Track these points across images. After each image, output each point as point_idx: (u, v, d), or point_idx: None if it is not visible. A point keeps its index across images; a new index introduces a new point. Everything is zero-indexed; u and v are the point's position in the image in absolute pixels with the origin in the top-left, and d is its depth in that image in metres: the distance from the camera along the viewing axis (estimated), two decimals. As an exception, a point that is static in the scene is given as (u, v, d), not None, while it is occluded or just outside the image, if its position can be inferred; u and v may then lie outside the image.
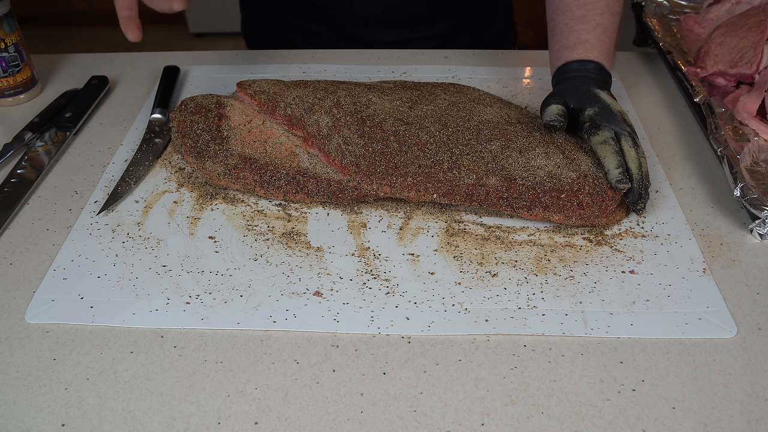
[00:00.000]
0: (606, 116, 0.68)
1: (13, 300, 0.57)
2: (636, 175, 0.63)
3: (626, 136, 0.66)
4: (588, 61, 0.71)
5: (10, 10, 0.81)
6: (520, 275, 0.59)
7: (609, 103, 0.68)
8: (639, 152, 0.65)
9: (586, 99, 0.69)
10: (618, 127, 0.67)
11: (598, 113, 0.68)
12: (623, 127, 0.67)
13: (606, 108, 0.68)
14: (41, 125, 0.78)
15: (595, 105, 0.69)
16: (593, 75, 0.71)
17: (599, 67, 0.71)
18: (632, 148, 0.65)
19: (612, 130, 0.67)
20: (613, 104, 0.69)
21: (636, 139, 0.66)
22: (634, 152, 0.65)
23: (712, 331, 0.54)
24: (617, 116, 0.67)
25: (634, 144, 0.66)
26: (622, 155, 0.65)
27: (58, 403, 0.49)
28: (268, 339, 0.54)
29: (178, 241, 0.63)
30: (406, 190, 0.64)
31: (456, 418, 0.48)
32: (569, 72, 0.72)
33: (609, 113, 0.68)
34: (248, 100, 0.73)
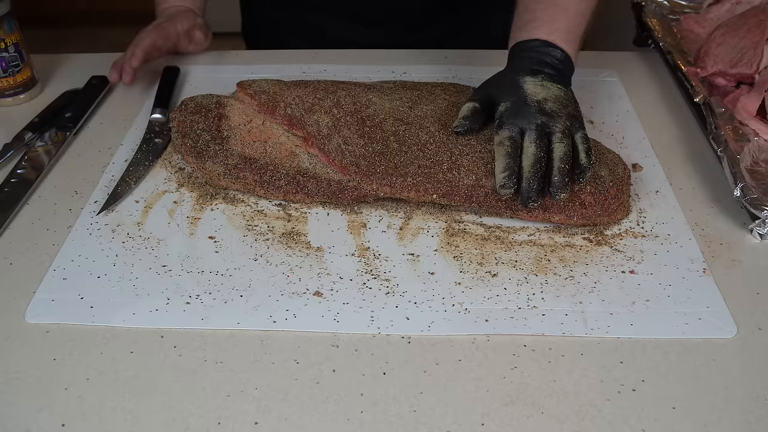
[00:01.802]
0: (516, 111, 0.63)
1: (13, 300, 0.57)
2: (526, 173, 0.60)
3: (532, 130, 0.62)
4: (532, 39, 0.67)
5: (10, 10, 0.81)
6: (520, 275, 0.59)
7: (528, 93, 0.64)
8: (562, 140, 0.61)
9: (504, 91, 0.65)
10: (525, 121, 0.63)
11: (509, 108, 0.64)
12: (532, 120, 0.62)
13: (520, 101, 0.64)
14: (41, 125, 0.78)
15: (509, 99, 0.65)
16: (535, 55, 0.67)
17: (545, 44, 0.67)
18: (534, 143, 0.61)
19: (515, 128, 0.63)
20: (534, 93, 0.64)
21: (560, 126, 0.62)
22: (533, 148, 0.61)
23: (712, 331, 0.54)
24: (530, 108, 0.63)
25: (540, 136, 0.61)
26: (516, 155, 0.61)
27: (58, 403, 0.49)
28: (268, 339, 0.54)
29: (178, 241, 0.63)
30: (406, 190, 0.64)
31: (456, 418, 0.48)
32: (513, 55, 0.69)
33: (521, 107, 0.63)
34: (248, 100, 0.73)
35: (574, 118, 0.64)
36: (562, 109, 0.64)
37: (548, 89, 0.65)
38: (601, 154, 0.67)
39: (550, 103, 0.64)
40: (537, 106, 0.63)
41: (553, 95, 0.65)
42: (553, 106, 0.64)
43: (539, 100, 0.64)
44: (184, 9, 0.94)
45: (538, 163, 0.61)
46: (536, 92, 0.64)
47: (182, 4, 0.94)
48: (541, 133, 0.62)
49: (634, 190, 0.68)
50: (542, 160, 0.61)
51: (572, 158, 0.62)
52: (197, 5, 0.96)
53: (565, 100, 0.65)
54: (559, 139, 0.62)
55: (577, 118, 0.65)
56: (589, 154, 0.62)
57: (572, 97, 0.67)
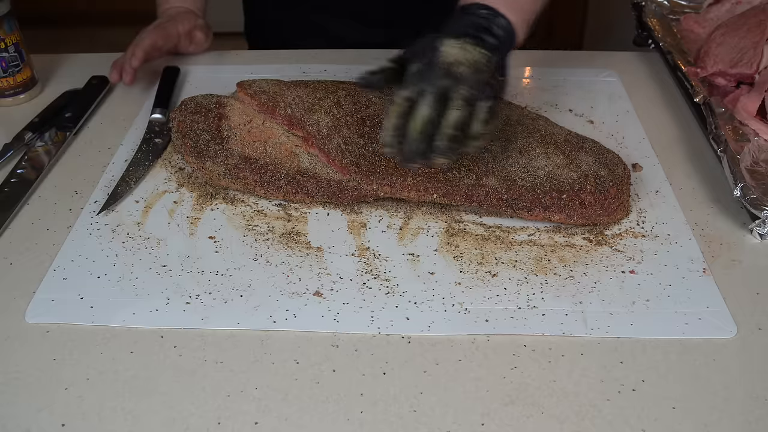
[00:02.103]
0: (421, 73, 0.61)
1: (13, 300, 0.57)
2: (410, 132, 0.58)
3: (430, 93, 0.59)
4: (474, 3, 0.65)
5: (10, 10, 0.81)
6: (520, 275, 0.59)
7: (441, 56, 0.61)
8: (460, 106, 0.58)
9: (420, 52, 0.62)
10: (427, 83, 0.60)
11: (417, 70, 0.61)
12: (435, 82, 0.59)
13: (429, 63, 0.61)
14: (41, 125, 0.78)
15: (420, 60, 0.62)
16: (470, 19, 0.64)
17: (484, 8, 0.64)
18: (427, 105, 0.59)
19: (415, 89, 0.60)
20: (447, 56, 0.61)
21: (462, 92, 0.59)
22: (424, 110, 0.59)
23: (712, 331, 0.54)
24: (436, 71, 0.60)
25: (437, 99, 0.59)
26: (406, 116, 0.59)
27: (58, 403, 0.49)
28: (268, 339, 0.54)
29: (178, 241, 0.63)
30: (406, 190, 0.64)
31: (456, 418, 0.48)
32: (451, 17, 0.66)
33: (427, 69, 0.60)
34: (248, 100, 0.73)
35: (487, 85, 0.61)
36: (472, 75, 0.60)
37: (467, 52, 0.61)
38: (601, 154, 0.67)
39: (461, 67, 0.60)
40: (444, 69, 0.60)
41: (470, 59, 0.61)
42: (463, 70, 0.60)
43: (450, 63, 0.60)
44: (184, 10, 0.94)
45: (425, 125, 0.59)
46: (451, 54, 0.61)
47: (183, 5, 0.94)
48: (439, 96, 0.59)
49: (634, 190, 0.68)
50: (431, 122, 0.59)
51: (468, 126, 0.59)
52: (198, 6, 0.96)
53: (482, 66, 0.61)
54: (456, 106, 0.59)
55: (491, 86, 0.61)
56: (485, 123, 0.60)
57: (493, 64, 0.63)
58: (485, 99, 0.60)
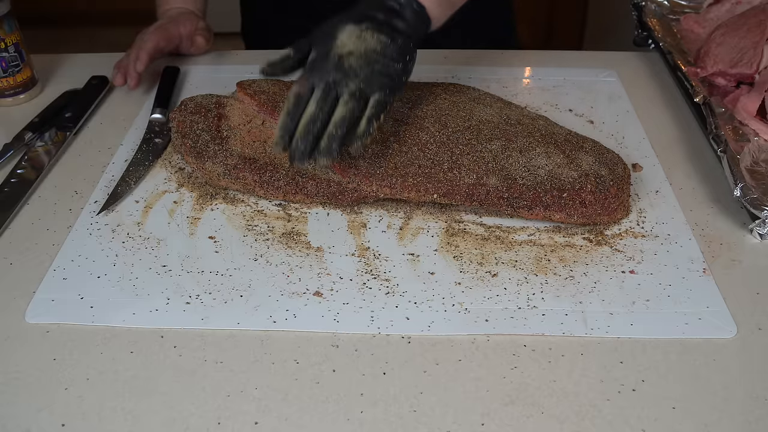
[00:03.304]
0: (314, 64, 0.60)
1: (13, 300, 0.57)
2: (298, 132, 0.58)
3: (319, 89, 0.59)
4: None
5: (10, 10, 0.81)
6: (520, 275, 0.59)
7: (336, 45, 0.59)
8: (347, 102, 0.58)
9: (320, 39, 0.61)
10: (318, 77, 0.59)
11: (312, 60, 0.60)
12: (324, 77, 0.59)
13: (323, 53, 0.60)
14: (41, 125, 0.78)
15: (317, 49, 0.60)
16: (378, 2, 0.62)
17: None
18: (315, 102, 0.59)
19: (306, 84, 0.60)
20: (343, 45, 0.59)
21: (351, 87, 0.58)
22: (312, 107, 0.58)
23: (712, 331, 0.54)
24: (328, 63, 0.59)
25: (325, 95, 0.58)
26: (297, 113, 0.59)
27: (58, 403, 0.49)
28: (268, 339, 0.54)
29: (178, 241, 0.63)
30: (406, 190, 0.64)
31: (456, 418, 0.48)
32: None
33: (321, 60, 0.60)
34: (248, 100, 0.73)
35: (380, 75, 0.60)
36: (363, 67, 0.59)
37: (363, 41, 0.60)
38: (601, 154, 0.67)
39: (352, 58, 0.59)
40: (336, 61, 0.59)
41: (364, 49, 0.60)
42: (354, 62, 0.59)
43: (342, 54, 0.59)
44: (185, 11, 0.94)
45: (311, 123, 0.58)
46: (345, 44, 0.60)
47: (183, 6, 0.94)
48: (327, 92, 0.59)
49: (634, 190, 0.68)
50: (317, 120, 0.58)
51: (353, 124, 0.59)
52: (198, 7, 0.96)
53: (375, 56, 0.60)
54: (344, 102, 0.59)
55: (385, 76, 0.60)
56: (370, 122, 0.59)
57: (392, 52, 0.61)
58: (376, 91, 0.59)
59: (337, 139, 0.58)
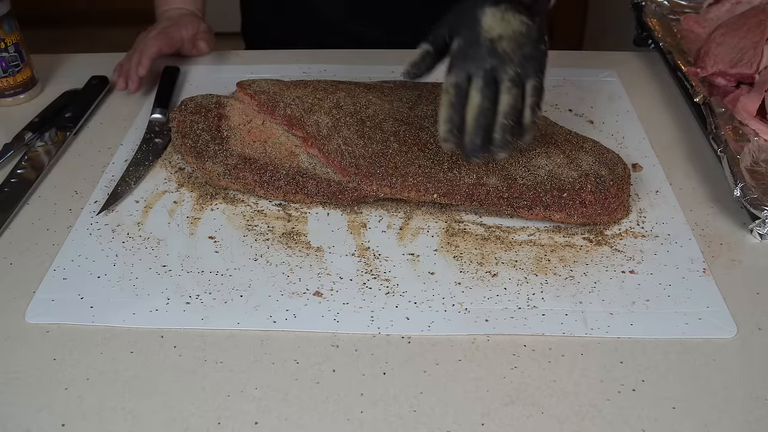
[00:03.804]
0: (465, 52, 0.57)
1: (13, 300, 0.57)
2: (468, 127, 0.56)
3: (479, 77, 0.56)
4: None
5: (10, 10, 0.81)
6: (520, 275, 0.59)
7: (483, 29, 0.57)
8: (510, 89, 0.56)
9: (459, 26, 0.58)
10: (474, 65, 0.57)
11: (460, 48, 0.58)
12: (482, 63, 0.57)
13: (472, 39, 0.57)
14: (41, 125, 0.78)
15: (461, 36, 0.58)
16: None
17: None
18: (479, 92, 0.56)
19: (462, 73, 0.57)
20: (490, 29, 0.57)
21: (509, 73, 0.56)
22: (478, 98, 0.56)
23: (712, 331, 0.54)
24: (481, 49, 0.57)
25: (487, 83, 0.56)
26: (461, 105, 0.57)
27: (58, 403, 0.49)
28: (268, 339, 0.54)
29: (178, 241, 0.63)
30: (406, 190, 0.64)
31: (456, 418, 0.48)
32: None
33: (471, 47, 0.57)
34: (248, 100, 0.73)
35: (531, 60, 0.58)
36: (516, 50, 0.57)
37: (508, 23, 0.58)
38: (601, 154, 0.67)
39: (504, 42, 0.57)
40: (489, 46, 0.57)
41: (511, 32, 0.58)
42: (507, 46, 0.57)
43: (493, 38, 0.57)
44: (186, 12, 0.94)
45: (482, 116, 0.56)
46: (492, 28, 0.57)
47: (183, 6, 0.94)
48: (489, 80, 0.57)
49: (634, 190, 0.68)
50: (487, 112, 0.56)
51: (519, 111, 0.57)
52: (198, 7, 0.96)
53: (523, 39, 0.58)
54: (506, 89, 0.57)
55: (535, 59, 0.58)
56: (534, 111, 0.57)
57: (535, 34, 0.59)
58: (531, 76, 0.58)
59: (509, 129, 0.56)
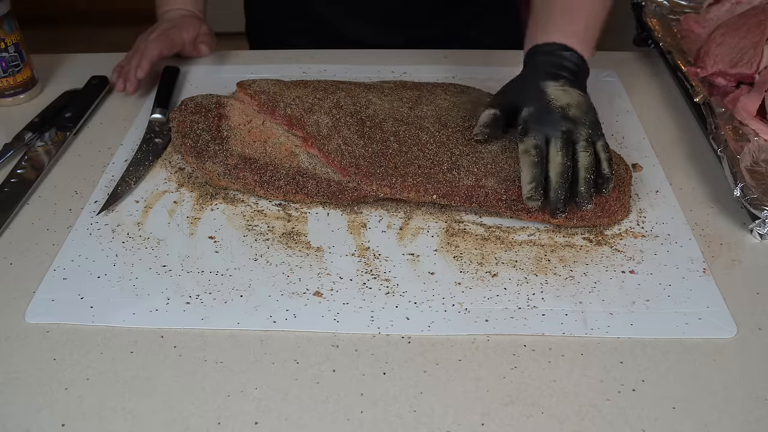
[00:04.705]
0: (539, 118, 0.63)
1: (13, 300, 0.57)
2: (554, 183, 0.60)
3: (558, 138, 0.62)
4: (551, 43, 0.67)
5: (10, 10, 0.81)
6: (520, 275, 0.59)
7: (552, 98, 0.63)
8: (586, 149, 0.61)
9: (527, 96, 0.65)
10: (551, 128, 0.62)
11: (532, 115, 0.63)
12: (558, 127, 0.62)
13: (543, 107, 0.63)
14: (41, 125, 0.78)
15: (532, 104, 0.64)
16: (554, 59, 0.66)
17: (562, 48, 0.67)
18: (560, 151, 0.61)
19: (540, 136, 0.62)
20: (557, 98, 0.63)
21: (583, 134, 0.62)
22: (560, 157, 0.61)
23: (712, 331, 0.54)
24: (554, 115, 0.63)
25: (565, 144, 0.61)
26: (542, 165, 0.61)
27: (58, 403, 0.49)
28: (268, 339, 0.54)
29: (178, 241, 0.63)
30: (405, 190, 0.64)
31: (456, 418, 0.48)
32: (530, 58, 0.68)
33: (545, 113, 0.63)
34: (248, 100, 0.73)
35: (596, 124, 0.64)
36: (584, 116, 0.63)
37: (570, 95, 0.64)
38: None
39: (573, 109, 0.63)
40: (561, 112, 0.63)
41: (576, 101, 0.64)
42: (576, 112, 0.63)
43: (563, 106, 0.63)
44: (187, 13, 0.93)
45: (565, 173, 0.60)
46: (559, 97, 0.64)
47: (183, 7, 0.94)
48: (567, 141, 0.62)
49: (634, 190, 0.68)
50: (569, 169, 0.61)
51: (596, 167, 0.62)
52: (199, 8, 0.96)
53: (585, 107, 0.64)
54: (583, 148, 0.61)
55: (598, 125, 0.64)
56: (610, 164, 0.61)
57: (591, 104, 0.66)
58: (600, 138, 0.63)
59: (591, 182, 0.60)
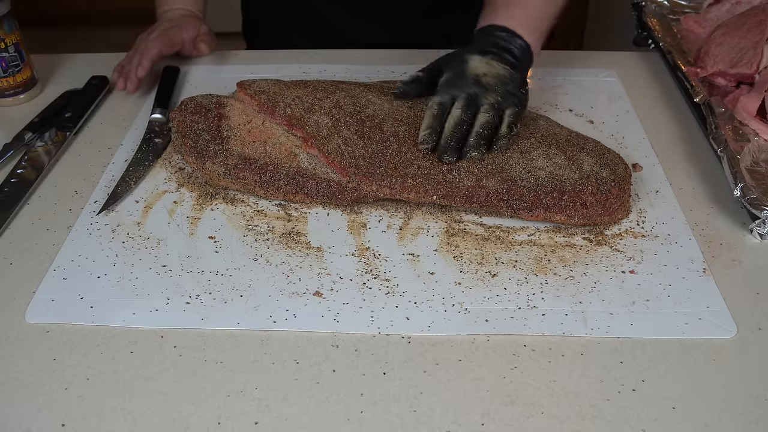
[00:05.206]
0: (453, 82, 0.68)
1: (13, 300, 0.57)
2: (447, 131, 0.65)
3: (462, 98, 0.66)
4: (493, 25, 0.72)
5: (10, 10, 0.81)
6: (520, 275, 0.59)
7: (470, 68, 0.68)
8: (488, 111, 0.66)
9: (450, 65, 0.70)
10: (458, 90, 0.67)
11: (448, 79, 0.69)
12: (465, 89, 0.67)
13: (459, 73, 0.68)
14: (41, 125, 0.78)
15: (451, 71, 0.69)
16: (492, 39, 0.71)
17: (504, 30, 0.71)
18: (460, 108, 0.66)
19: (447, 96, 0.67)
20: (475, 68, 0.68)
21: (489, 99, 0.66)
22: (458, 112, 0.66)
23: (712, 331, 0.54)
24: (466, 80, 0.68)
25: (468, 104, 0.66)
26: (441, 117, 0.66)
27: (58, 403, 0.49)
28: (268, 339, 0.54)
29: (178, 241, 0.63)
30: (405, 191, 0.64)
31: (456, 418, 0.48)
32: (474, 38, 0.73)
33: (459, 78, 0.68)
34: (248, 100, 0.73)
35: (512, 95, 0.68)
36: (499, 85, 0.68)
37: (491, 67, 0.69)
38: (602, 155, 0.67)
39: (488, 78, 0.68)
40: (474, 78, 0.68)
41: (494, 72, 0.68)
42: (489, 80, 0.68)
43: (477, 74, 0.68)
44: (187, 13, 0.94)
45: (459, 125, 0.65)
46: (477, 67, 0.69)
47: (183, 7, 0.94)
48: (470, 101, 0.67)
49: (634, 190, 0.68)
50: (464, 123, 0.66)
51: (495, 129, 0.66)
52: (199, 8, 0.96)
53: (506, 79, 0.68)
54: (485, 110, 0.66)
55: (516, 96, 0.68)
56: (511, 127, 0.66)
57: (517, 79, 0.69)
58: (511, 107, 0.68)
59: (484, 137, 0.65)
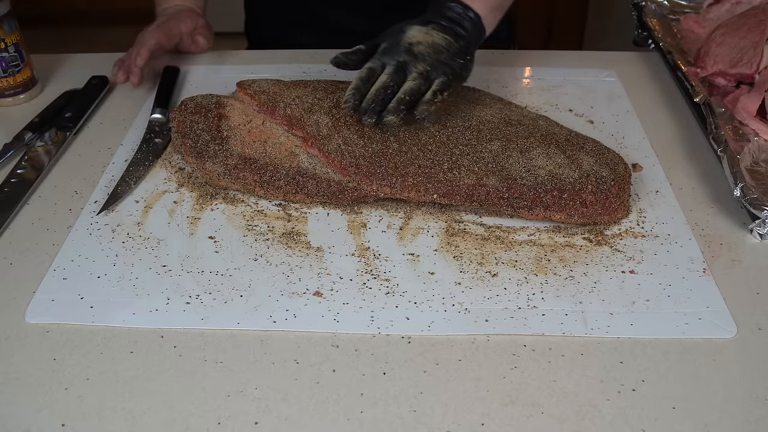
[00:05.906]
0: (387, 50, 0.69)
1: (13, 300, 0.57)
2: (370, 95, 0.66)
3: (391, 65, 0.67)
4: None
5: (10, 10, 0.81)
6: (520, 275, 0.59)
7: (405, 37, 0.68)
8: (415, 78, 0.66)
9: (389, 34, 0.70)
10: (389, 57, 0.68)
11: (384, 48, 0.69)
12: (395, 57, 0.68)
13: (394, 42, 0.69)
14: (41, 125, 0.78)
15: (388, 40, 0.70)
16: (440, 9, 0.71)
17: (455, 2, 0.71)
18: (386, 74, 0.67)
19: (378, 62, 0.68)
20: (411, 37, 0.68)
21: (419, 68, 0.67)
22: (385, 77, 0.67)
23: (712, 331, 0.54)
24: (399, 48, 0.68)
25: (396, 71, 0.67)
26: (368, 81, 0.67)
27: (58, 403, 0.49)
28: (268, 339, 0.54)
29: (178, 241, 0.63)
30: (406, 190, 0.64)
31: (456, 418, 0.48)
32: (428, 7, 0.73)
33: (393, 47, 0.69)
34: (248, 100, 0.73)
35: (444, 65, 0.68)
36: (431, 54, 0.68)
37: (429, 36, 0.69)
38: (602, 154, 0.67)
39: (421, 47, 0.68)
40: (406, 46, 0.68)
41: (430, 41, 0.68)
42: (421, 49, 0.68)
43: (411, 42, 0.68)
44: (185, 8, 0.94)
45: (383, 89, 0.67)
46: (413, 36, 0.69)
47: (183, 3, 0.94)
48: (398, 68, 0.67)
49: (634, 190, 0.68)
50: (388, 88, 0.67)
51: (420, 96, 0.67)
52: (198, 5, 0.96)
53: (441, 48, 0.68)
54: (412, 78, 0.67)
55: (449, 66, 0.68)
56: (435, 94, 0.67)
57: (456, 49, 0.69)
58: (441, 76, 0.68)
59: (404, 102, 0.66)
